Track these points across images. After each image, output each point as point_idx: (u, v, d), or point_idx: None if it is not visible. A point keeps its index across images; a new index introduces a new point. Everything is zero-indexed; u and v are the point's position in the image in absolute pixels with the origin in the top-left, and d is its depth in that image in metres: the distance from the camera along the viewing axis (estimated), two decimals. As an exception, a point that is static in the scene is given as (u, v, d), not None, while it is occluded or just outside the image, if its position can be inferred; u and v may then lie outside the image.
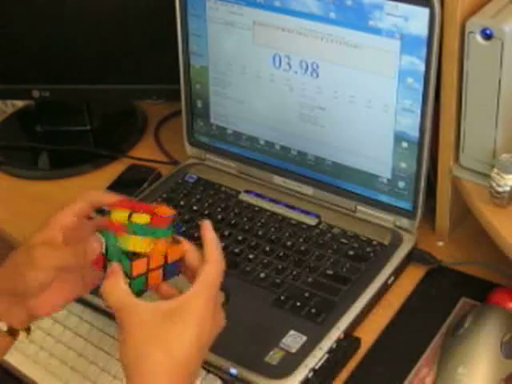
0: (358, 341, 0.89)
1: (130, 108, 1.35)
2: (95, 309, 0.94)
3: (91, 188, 1.14)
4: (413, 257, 0.98)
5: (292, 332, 0.87)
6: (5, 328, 0.76)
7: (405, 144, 0.95)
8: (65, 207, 0.79)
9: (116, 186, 1.17)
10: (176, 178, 1.14)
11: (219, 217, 1.05)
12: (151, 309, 0.70)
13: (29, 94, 1.24)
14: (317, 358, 0.84)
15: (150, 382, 0.68)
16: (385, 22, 0.90)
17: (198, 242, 0.77)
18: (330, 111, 1.00)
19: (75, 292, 0.80)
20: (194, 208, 1.07)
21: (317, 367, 0.84)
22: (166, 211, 0.76)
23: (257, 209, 1.06)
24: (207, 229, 0.76)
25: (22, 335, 0.78)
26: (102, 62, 1.21)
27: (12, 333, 0.77)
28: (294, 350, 0.85)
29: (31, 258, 0.75)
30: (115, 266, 0.73)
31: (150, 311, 0.70)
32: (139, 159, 1.23)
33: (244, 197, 1.08)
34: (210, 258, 0.74)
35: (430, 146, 0.94)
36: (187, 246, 0.76)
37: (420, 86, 0.91)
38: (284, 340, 0.87)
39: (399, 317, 0.92)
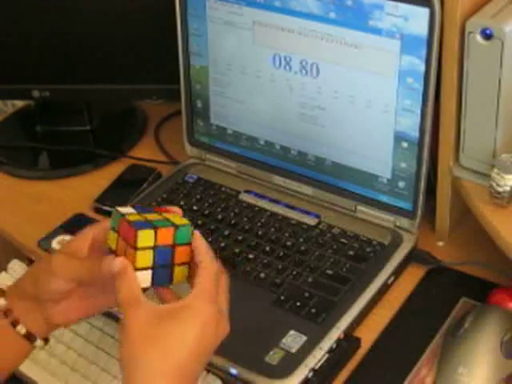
0: (358, 341, 0.89)
1: (130, 108, 1.35)
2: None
3: (91, 188, 1.16)
4: (413, 257, 0.98)
5: (292, 332, 0.87)
6: (23, 331, 0.76)
7: (405, 144, 0.95)
8: (97, 223, 0.80)
9: (116, 186, 1.17)
10: (176, 178, 1.14)
11: (219, 217, 1.05)
12: (152, 309, 0.70)
13: (29, 94, 1.24)
14: (317, 358, 0.84)
15: (145, 381, 0.68)
16: (385, 22, 0.90)
17: None
18: (330, 111, 1.00)
19: (97, 307, 0.80)
20: (194, 208, 1.07)
21: (317, 367, 0.84)
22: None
23: (257, 209, 1.06)
24: (196, 237, 0.75)
25: (39, 343, 0.78)
26: (102, 62, 1.21)
27: (29, 338, 0.77)
28: (293, 350, 0.85)
29: (50, 266, 0.76)
30: (125, 261, 0.72)
31: (150, 311, 0.70)
32: (139, 159, 1.23)
33: (244, 197, 1.08)
34: (200, 262, 0.74)
35: (429, 145, 0.94)
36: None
37: (420, 86, 0.91)
38: (284, 340, 0.87)
39: (399, 317, 0.92)
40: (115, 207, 0.76)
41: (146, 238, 0.72)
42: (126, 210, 0.76)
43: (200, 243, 0.75)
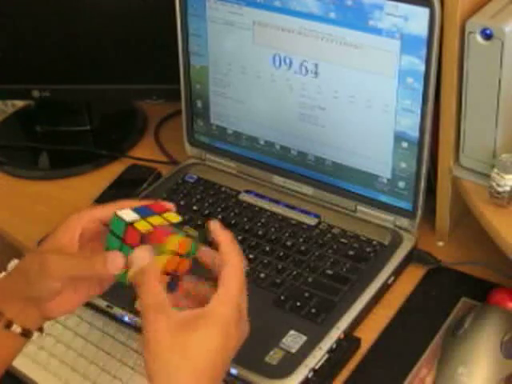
0: (358, 341, 0.89)
1: (129, 108, 1.35)
2: (95, 309, 0.94)
3: (91, 188, 1.16)
4: (413, 257, 0.98)
5: (292, 332, 0.87)
6: (18, 330, 0.75)
7: (405, 144, 0.95)
8: (84, 210, 0.77)
9: (116, 186, 1.17)
10: (176, 178, 1.14)
11: (219, 217, 1.05)
12: (176, 316, 0.69)
13: (29, 94, 1.24)
14: (317, 358, 0.84)
15: None
16: (385, 22, 0.90)
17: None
18: (330, 111, 1.00)
19: (90, 293, 0.79)
20: (194, 208, 1.07)
21: (317, 367, 0.84)
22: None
23: (257, 209, 1.06)
24: (217, 230, 0.74)
25: (35, 335, 0.78)
26: (102, 62, 1.21)
27: (26, 334, 0.77)
28: (293, 350, 0.85)
29: (44, 267, 0.73)
30: (153, 264, 0.71)
31: (175, 317, 0.69)
32: (139, 159, 1.23)
33: (244, 197, 1.08)
34: (228, 262, 0.72)
35: (429, 146, 0.94)
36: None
37: (420, 86, 0.91)
38: (284, 340, 0.87)
39: (399, 317, 0.92)
40: (115, 212, 0.73)
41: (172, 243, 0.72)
42: (127, 213, 0.74)
43: (223, 238, 0.73)
